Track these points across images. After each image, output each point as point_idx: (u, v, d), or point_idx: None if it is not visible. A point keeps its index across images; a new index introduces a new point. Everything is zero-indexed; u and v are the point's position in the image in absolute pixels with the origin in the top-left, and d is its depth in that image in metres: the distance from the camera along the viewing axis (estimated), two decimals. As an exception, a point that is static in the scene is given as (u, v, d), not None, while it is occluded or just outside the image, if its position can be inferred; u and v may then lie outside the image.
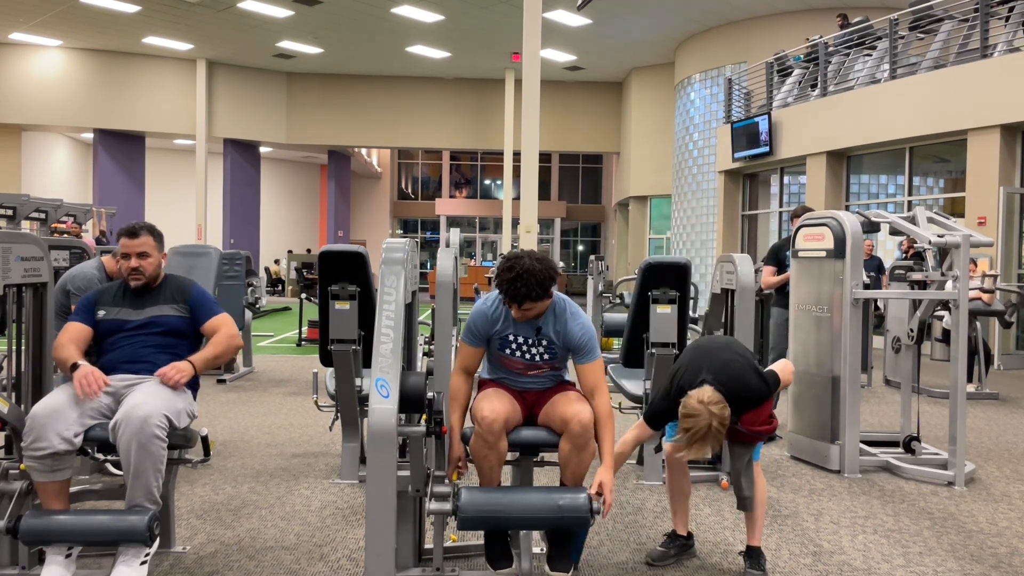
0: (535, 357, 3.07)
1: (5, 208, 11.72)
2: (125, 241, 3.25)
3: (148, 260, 3.25)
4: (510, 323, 3.03)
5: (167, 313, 3.25)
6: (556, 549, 2.95)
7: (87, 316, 3.20)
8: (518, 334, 3.05)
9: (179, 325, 3.26)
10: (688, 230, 17.85)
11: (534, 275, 2.84)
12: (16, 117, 19.83)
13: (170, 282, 3.37)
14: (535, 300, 2.89)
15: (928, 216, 5.02)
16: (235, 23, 17.86)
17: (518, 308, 2.92)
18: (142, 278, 3.24)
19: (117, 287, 3.31)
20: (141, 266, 3.23)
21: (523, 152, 11.96)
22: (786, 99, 13.93)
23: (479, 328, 3.06)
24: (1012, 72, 9.62)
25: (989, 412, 7.01)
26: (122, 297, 3.26)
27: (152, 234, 3.30)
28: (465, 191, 32.99)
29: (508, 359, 3.09)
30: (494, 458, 2.91)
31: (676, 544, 3.34)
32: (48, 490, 2.82)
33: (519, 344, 3.06)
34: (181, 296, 3.31)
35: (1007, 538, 3.72)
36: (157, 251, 3.30)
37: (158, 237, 3.34)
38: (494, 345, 3.11)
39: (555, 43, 18.69)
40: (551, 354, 3.07)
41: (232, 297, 8.23)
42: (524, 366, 3.09)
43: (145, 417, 2.78)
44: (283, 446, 5.23)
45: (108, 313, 3.21)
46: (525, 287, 2.84)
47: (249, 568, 3.16)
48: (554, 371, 3.15)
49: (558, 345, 3.05)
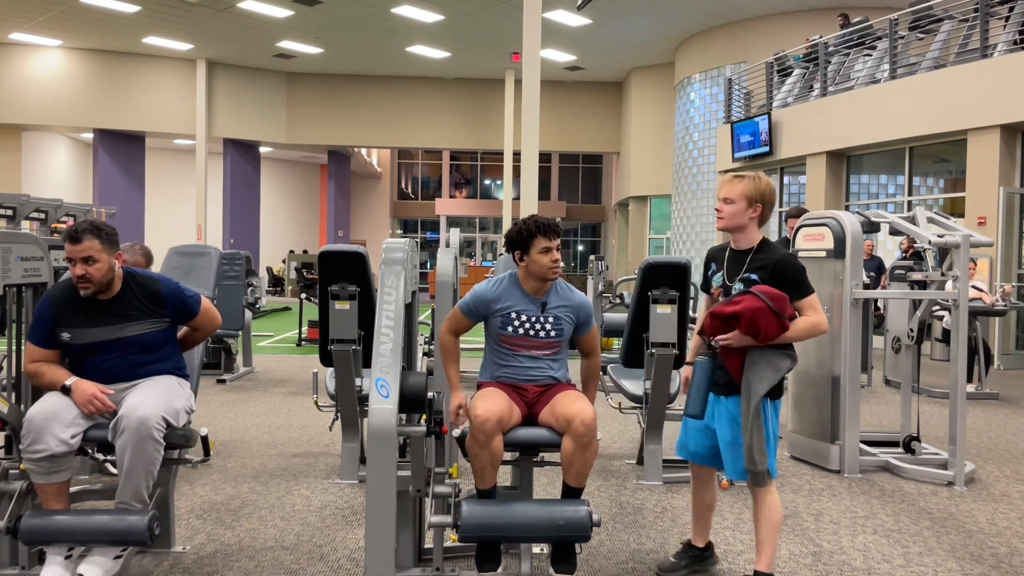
0: (539, 333, 3.09)
1: (5, 208, 11.70)
2: (67, 246, 2.90)
3: (95, 266, 2.91)
4: (514, 299, 3.10)
5: (142, 331, 3.01)
6: (560, 551, 2.94)
7: (47, 338, 2.95)
8: (523, 312, 3.08)
9: (158, 339, 3.06)
10: (688, 230, 17.85)
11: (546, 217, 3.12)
12: (16, 117, 19.83)
13: (135, 287, 3.05)
14: (559, 235, 3.07)
15: (928, 216, 5.02)
16: (235, 23, 17.85)
17: (548, 240, 3.03)
18: (90, 286, 2.92)
19: (74, 297, 2.98)
20: (88, 273, 2.90)
21: (523, 152, 11.96)
22: (786, 99, 13.93)
23: (476, 305, 3.14)
24: (1012, 72, 9.62)
25: (989, 412, 7.01)
26: (85, 310, 2.96)
27: (98, 236, 2.92)
28: (465, 191, 32.99)
29: (511, 338, 3.09)
30: (486, 458, 2.89)
31: (689, 555, 3.22)
32: (48, 491, 2.82)
33: (523, 321, 3.08)
34: (155, 304, 3.04)
35: (1007, 538, 3.72)
36: (107, 253, 2.94)
37: (107, 238, 2.95)
38: (495, 324, 3.10)
39: (555, 43, 18.69)
40: (558, 330, 3.11)
41: (232, 297, 8.24)
42: (527, 344, 3.08)
43: (143, 418, 2.78)
44: (283, 446, 5.23)
45: (75, 336, 2.95)
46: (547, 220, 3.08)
47: (249, 568, 3.16)
48: (555, 356, 3.15)
49: (564, 319, 3.11)
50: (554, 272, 3.07)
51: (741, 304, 2.81)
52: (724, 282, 3.03)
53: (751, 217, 2.96)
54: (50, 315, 2.96)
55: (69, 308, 2.97)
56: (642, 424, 4.55)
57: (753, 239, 3.00)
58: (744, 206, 2.94)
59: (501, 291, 3.12)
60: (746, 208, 2.94)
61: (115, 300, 3.02)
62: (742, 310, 2.79)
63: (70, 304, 2.98)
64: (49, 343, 2.97)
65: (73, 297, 2.99)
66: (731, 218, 2.97)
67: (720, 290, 3.05)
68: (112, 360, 3.00)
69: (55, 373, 2.92)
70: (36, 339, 2.97)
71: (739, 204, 2.94)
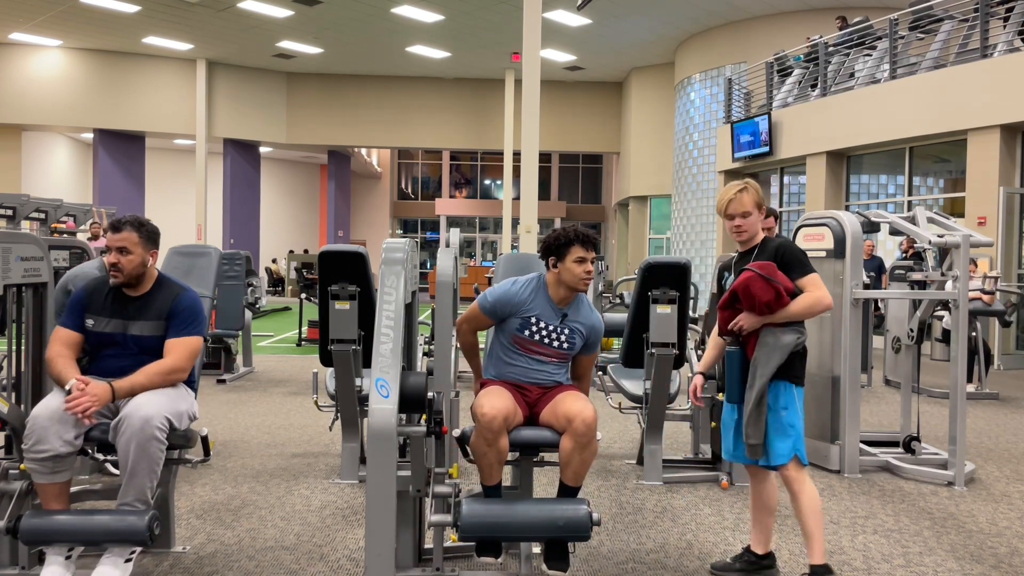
0: (553, 343, 3.12)
1: (5, 208, 11.70)
2: (109, 235, 3.06)
3: (128, 257, 3.02)
4: (539, 305, 3.12)
5: (147, 333, 3.06)
6: (553, 549, 2.94)
7: (77, 321, 3.05)
8: (542, 318, 3.11)
9: (158, 345, 3.06)
10: (688, 230, 17.85)
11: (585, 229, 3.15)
12: (16, 117, 19.83)
13: (162, 290, 3.14)
14: (596, 247, 3.11)
15: (928, 216, 5.02)
16: (235, 23, 17.85)
17: (585, 250, 3.05)
18: (120, 275, 3.03)
19: (107, 288, 3.12)
20: (120, 262, 3.01)
21: (523, 152, 11.96)
22: (786, 99, 13.92)
23: (501, 306, 3.13)
24: (1012, 72, 9.62)
25: (989, 412, 7.01)
26: (112, 302, 3.08)
27: (138, 230, 3.05)
28: (465, 191, 32.99)
29: (525, 341, 3.11)
30: (493, 456, 2.90)
31: (744, 560, 3.16)
32: (49, 491, 2.82)
33: (541, 327, 3.11)
34: (166, 309, 3.08)
35: (1007, 538, 3.72)
36: (142, 248, 3.05)
37: (146, 234, 3.08)
38: (512, 325, 3.12)
39: (555, 43, 18.69)
40: (571, 344, 3.15)
41: (232, 297, 8.24)
42: (540, 351, 3.12)
43: (147, 418, 2.78)
44: (283, 446, 5.23)
45: (97, 324, 3.05)
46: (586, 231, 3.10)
47: (249, 568, 3.16)
48: (561, 363, 3.19)
49: (578, 335, 3.16)
50: (584, 283, 3.08)
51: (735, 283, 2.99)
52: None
53: (761, 220, 3.10)
54: (84, 300, 3.08)
55: (99, 297, 3.10)
56: (642, 424, 4.55)
57: (758, 238, 3.13)
58: (757, 213, 3.07)
59: (529, 295, 3.13)
60: (758, 214, 3.08)
61: (141, 298, 3.10)
62: (736, 285, 2.98)
63: (101, 294, 3.10)
64: (77, 326, 3.05)
65: (106, 287, 3.11)
66: (751, 228, 3.09)
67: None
68: (115, 354, 3.05)
69: (65, 369, 2.92)
70: (66, 321, 3.06)
71: (754, 213, 3.07)
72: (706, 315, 5.29)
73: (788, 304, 2.94)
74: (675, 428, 5.67)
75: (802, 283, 2.98)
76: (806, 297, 2.96)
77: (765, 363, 2.95)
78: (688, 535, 3.65)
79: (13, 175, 20.40)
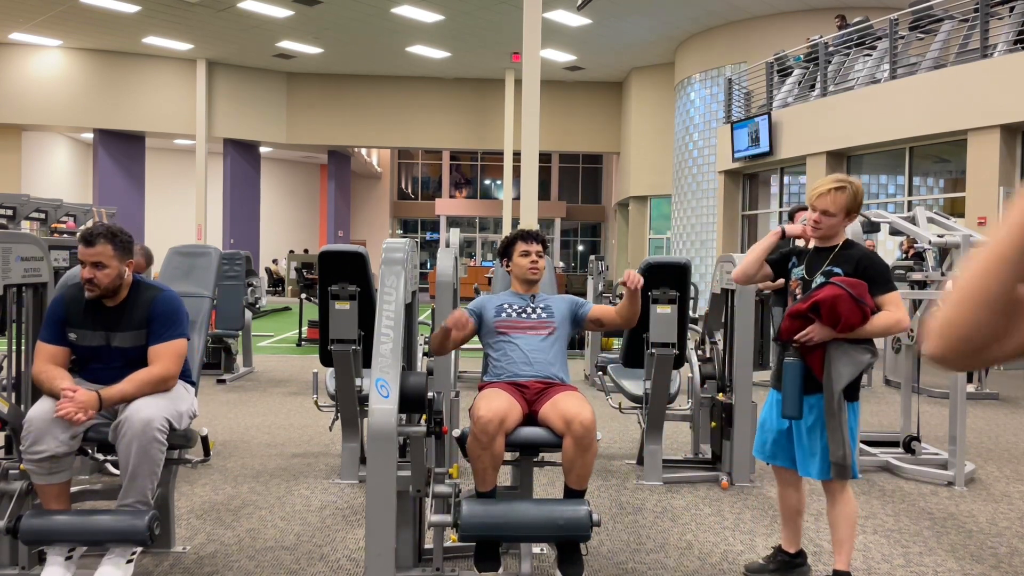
0: (531, 316, 3.32)
1: (5, 208, 11.69)
2: (80, 248, 2.90)
3: (104, 271, 2.91)
4: (507, 298, 3.41)
5: (130, 344, 2.99)
6: (566, 554, 2.92)
7: (58, 334, 2.97)
8: (514, 304, 3.38)
9: (142, 355, 3.00)
10: (688, 230, 17.85)
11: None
12: (16, 117, 19.83)
13: (139, 295, 3.04)
14: (540, 242, 3.41)
15: (928, 216, 5.02)
16: (235, 23, 17.85)
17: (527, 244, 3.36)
18: (96, 290, 2.92)
19: (83, 298, 3.01)
20: (96, 278, 2.90)
21: (523, 152, 11.96)
22: (786, 99, 13.93)
23: (476, 305, 3.39)
24: (1012, 72, 9.62)
25: (989, 412, 7.01)
26: (92, 313, 2.99)
27: (112, 241, 2.92)
28: (465, 191, 32.99)
29: (504, 322, 3.30)
30: (487, 459, 2.89)
31: (778, 560, 3.19)
32: (49, 492, 2.82)
33: (515, 308, 3.35)
34: (145, 315, 2.99)
35: (1007, 538, 3.72)
36: (117, 260, 2.94)
37: (121, 245, 2.95)
38: (489, 317, 3.32)
39: (555, 43, 18.69)
40: (548, 312, 3.35)
41: (232, 297, 8.24)
42: (521, 325, 3.28)
43: (147, 420, 2.78)
44: (283, 446, 5.23)
45: (79, 337, 2.98)
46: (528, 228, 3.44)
47: (249, 568, 3.16)
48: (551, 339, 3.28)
49: (552, 307, 3.38)
50: (533, 272, 3.37)
51: (821, 293, 2.82)
52: (804, 276, 3.01)
53: (845, 227, 2.98)
54: (62, 314, 2.99)
55: (78, 308, 3.01)
56: (642, 424, 4.55)
57: (838, 239, 3.00)
58: (842, 218, 2.93)
59: (498, 294, 3.47)
60: (843, 219, 2.94)
61: (117, 308, 3.02)
62: (823, 298, 2.80)
63: (79, 305, 3.01)
64: (59, 340, 2.98)
65: (83, 298, 3.01)
66: (829, 229, 2.95)
67: (799, 283, 3.03)
68: (101, 367, 3.00)
69: (53, 381, 2.86)
70: (46, 336, 2.97)
71: (838, 216, 2.92)
72: (706, 315, 5.28)
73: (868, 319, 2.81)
74: (675, 428, 5.67)
75: (882, 300, 2.84)
76: (886, 317, 2.82)
77: (838, 378, 2.83)
78: (688, 535, 3.65)
79: (13, 175, 20.40)
